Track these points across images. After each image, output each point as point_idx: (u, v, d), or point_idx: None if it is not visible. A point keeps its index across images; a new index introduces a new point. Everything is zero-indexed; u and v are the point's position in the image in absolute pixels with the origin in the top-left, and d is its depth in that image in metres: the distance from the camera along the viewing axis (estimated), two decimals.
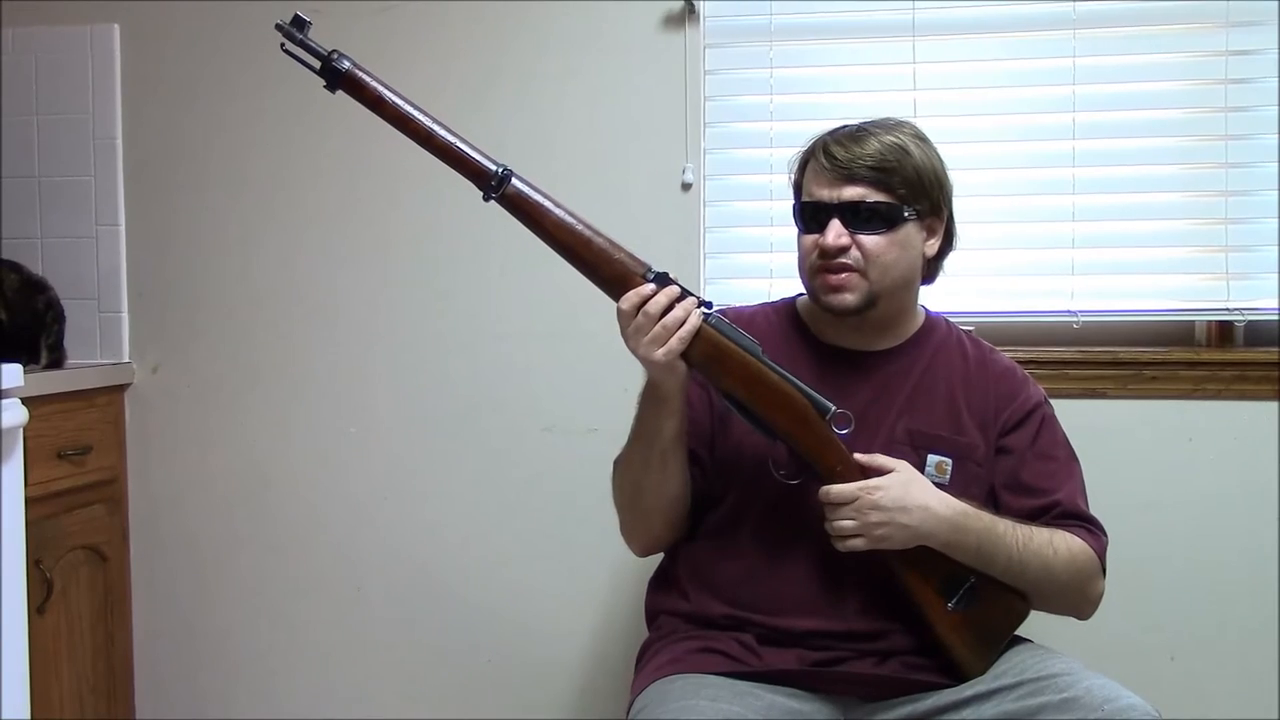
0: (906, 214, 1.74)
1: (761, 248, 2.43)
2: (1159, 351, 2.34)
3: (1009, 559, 1.70)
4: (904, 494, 1.66)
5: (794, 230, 1.82)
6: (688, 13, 2.41)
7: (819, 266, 1.75)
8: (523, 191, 1.66)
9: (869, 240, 1.73)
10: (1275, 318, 2.32)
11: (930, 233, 1.80)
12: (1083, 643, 1.87)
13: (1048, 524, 1.76)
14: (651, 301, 1.63)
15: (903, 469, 1.69)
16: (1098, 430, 2.20)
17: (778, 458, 1.71)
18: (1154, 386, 2.33)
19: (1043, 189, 2.38)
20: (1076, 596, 1.79)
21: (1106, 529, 1.82)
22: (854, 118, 1.83)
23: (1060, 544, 1.74)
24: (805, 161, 1.81)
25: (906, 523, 1.65)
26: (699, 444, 1.81)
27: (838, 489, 1.66)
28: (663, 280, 1.65)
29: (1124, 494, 2.24)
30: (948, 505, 1.68)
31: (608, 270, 1.66)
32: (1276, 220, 2.30)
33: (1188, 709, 2.22)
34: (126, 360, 2.61)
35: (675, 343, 1.62)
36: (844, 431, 1.68)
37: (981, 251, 2.29)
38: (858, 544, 1.66)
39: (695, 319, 1.64)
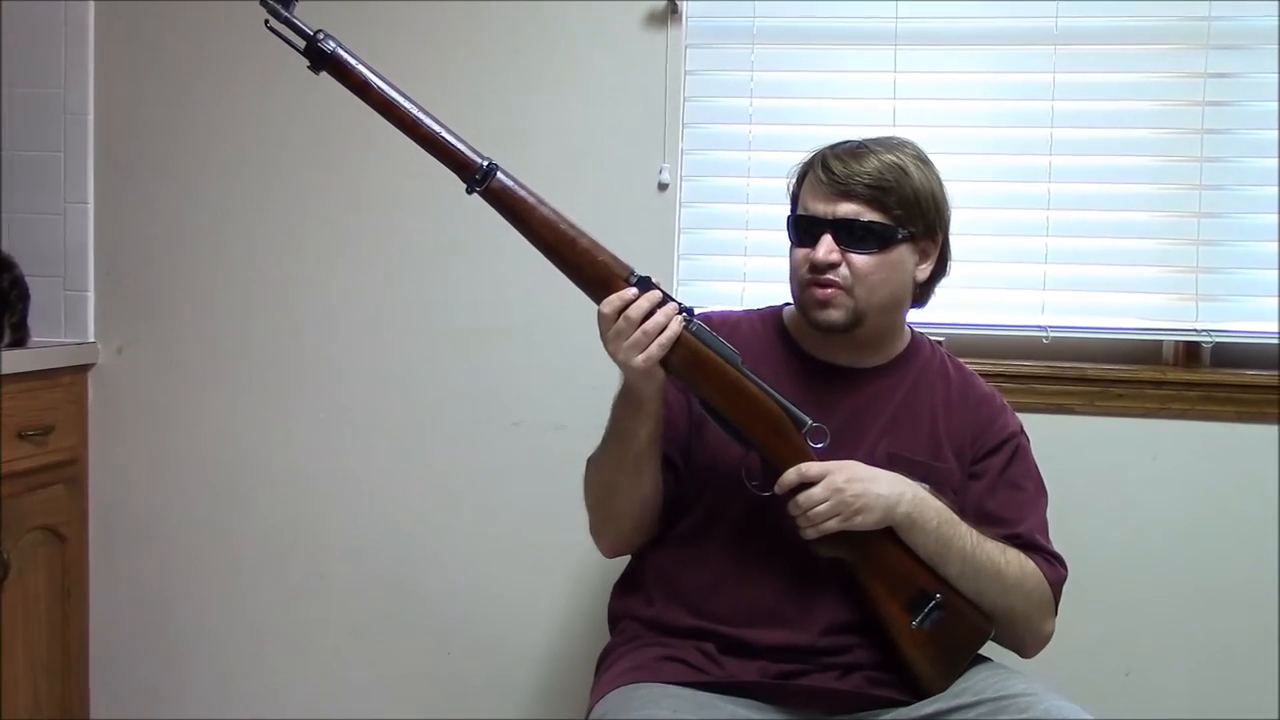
0: (900, 235, 1.74)
1: (736, 251, 2.42)
2: (1127, 369, 2.36)
3: (963, 553, 1.69)
4: (866, 471, 1.67)
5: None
6: (670, 12, 2.39)
7: (808, 281, 1.75)
8: (508, 186, 1.64)
9: (860, 259, 1.72)
10: (1242, 340, 2.35)
11: (923, 256, 1.80)
12: (1040, 655, 1.87)
13: None
14: (633, 306, 1.61)
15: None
16: (1063, 445, 2.23)
17: (751, 468, 1.70)
18: (1121, 404, 2.35)
19: (1018, 203, 2.38)
20: (1025, 623, 1.78)
21: (1068, 545, 1.82)
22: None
23: (1012, 557, 1.74)
24: (804, 173, 1.80)
25: (880, 491, 1.65)
26: (674, 449, 1.80)
27: (807, 466, 1.65)
28: (645, 284, 1.64)
29: (1087, 509, 2.27)
30: (908, 479, 1.69)
31: (590, 271, 1.64)
32: (1247, 243, 2.32)
33: None
34: (91, 340, 2.58)
35: (655, 349, 1.61)
36: (819, 445, 1.67)
37: (954, 263, 2.28)
38: (831, 525, 1.64)
39: (676, 326, 1.63)
